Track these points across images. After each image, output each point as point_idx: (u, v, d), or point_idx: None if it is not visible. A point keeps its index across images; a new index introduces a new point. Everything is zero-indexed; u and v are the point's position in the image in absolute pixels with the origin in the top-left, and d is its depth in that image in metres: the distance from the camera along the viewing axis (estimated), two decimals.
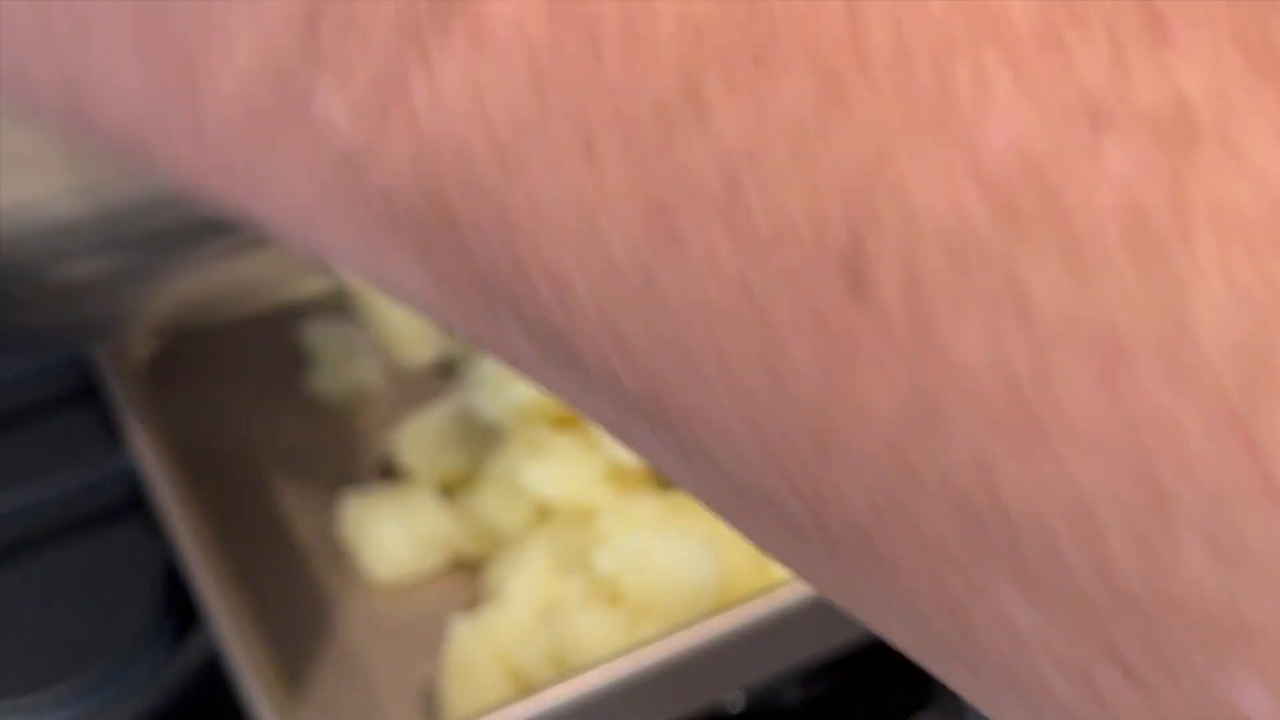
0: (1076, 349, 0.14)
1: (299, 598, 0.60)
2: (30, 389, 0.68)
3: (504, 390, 0.61)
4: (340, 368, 0.67)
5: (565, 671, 0.49)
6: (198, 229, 0.51)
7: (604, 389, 0.19)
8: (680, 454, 0.18)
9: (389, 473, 0.63)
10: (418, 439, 0.63)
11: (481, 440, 0.62)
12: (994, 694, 0.17)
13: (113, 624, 0.59)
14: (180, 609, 0.60)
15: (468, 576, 0.60)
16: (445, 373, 0.67)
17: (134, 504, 0.63)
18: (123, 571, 0.61)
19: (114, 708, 0.55)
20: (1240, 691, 0.14)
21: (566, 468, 0.58)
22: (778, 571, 0.56)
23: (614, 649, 0.49)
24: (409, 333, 0.68)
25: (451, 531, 0.60)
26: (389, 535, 0.60)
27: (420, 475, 0.62)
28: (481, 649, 0.53)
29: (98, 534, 0.63)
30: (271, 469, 0.64)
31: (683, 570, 0.53)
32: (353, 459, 0.65)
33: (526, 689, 0.49)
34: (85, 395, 0.67)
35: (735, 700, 0.58)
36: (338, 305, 0.70)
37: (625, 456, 0.59)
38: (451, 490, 0.62)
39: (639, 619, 0.52)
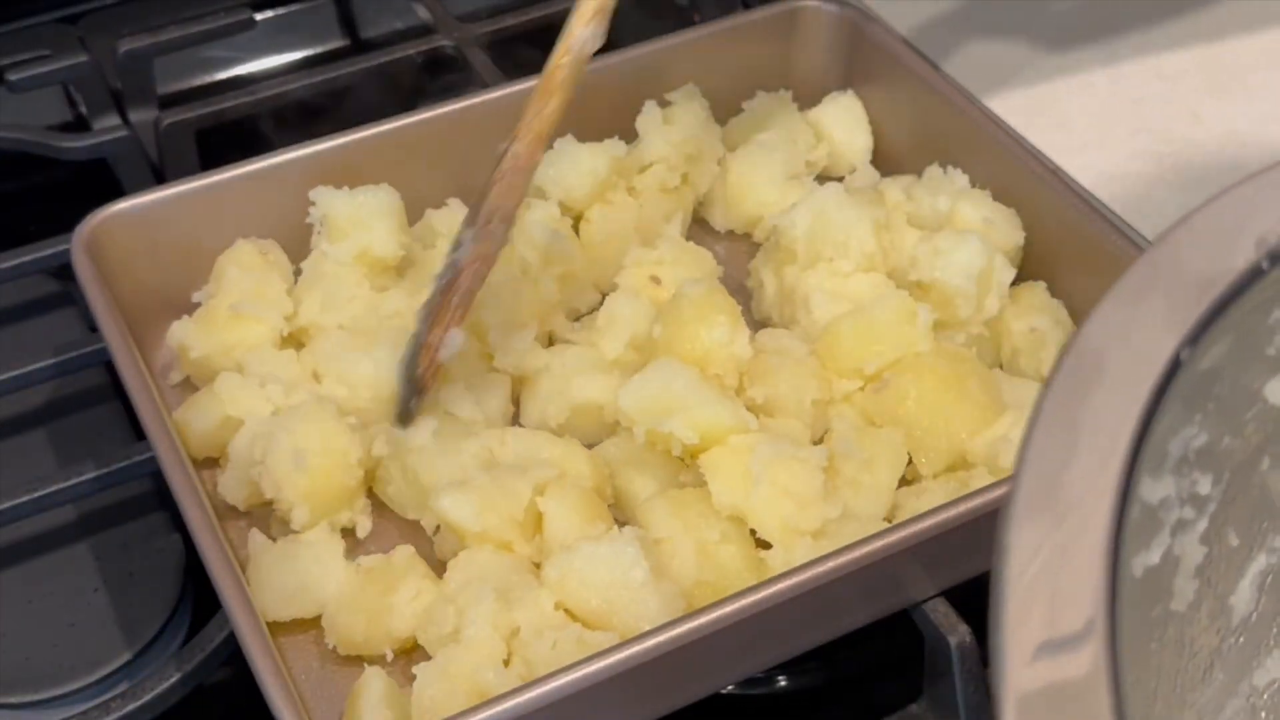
0: None
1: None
2: (54, 387, 0.69)
3: None
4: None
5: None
6: None
7: None
8: None
9: None
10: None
11: None
12: None
13: (135, 614, 0.60)
14: (199, 599, 0.61)
15: None
16: None
17: (154, 498, 0.64)
18: (144, 563, 0.62)
19: (136, 695, 0.57)
20: None
21: (487, 501, 0.57)
22: (772, 566, 0.57)
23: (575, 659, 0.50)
24: None
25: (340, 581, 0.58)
26: (278, 581, 0.58)
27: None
28: (453, 686, 0.53)
29: (120, 528, 0.64)
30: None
31: (612, 567, 0.54)
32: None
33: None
34: (108, 393, 0.68)
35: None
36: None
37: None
38: None
39: (591, 631, 0.54)
